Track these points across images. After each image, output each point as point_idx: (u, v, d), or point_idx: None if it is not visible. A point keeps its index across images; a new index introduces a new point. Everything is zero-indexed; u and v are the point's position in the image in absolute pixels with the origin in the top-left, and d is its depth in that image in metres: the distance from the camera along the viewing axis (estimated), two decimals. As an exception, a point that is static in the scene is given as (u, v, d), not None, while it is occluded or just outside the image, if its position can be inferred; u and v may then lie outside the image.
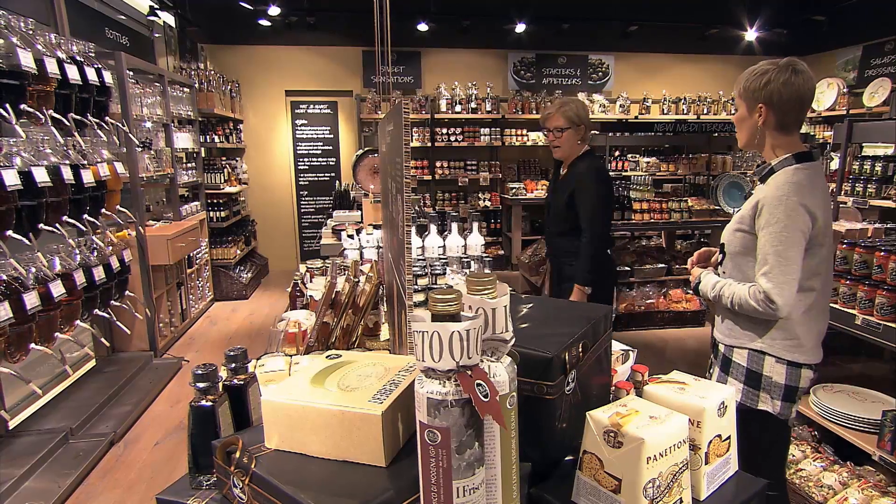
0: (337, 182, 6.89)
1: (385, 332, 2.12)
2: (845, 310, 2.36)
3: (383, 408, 0.79)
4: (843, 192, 3.30)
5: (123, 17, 4.90)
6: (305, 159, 7.47)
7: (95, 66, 2.86)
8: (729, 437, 0.89)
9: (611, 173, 6.42)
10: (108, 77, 2.98)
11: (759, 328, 1.70)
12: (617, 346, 1.44)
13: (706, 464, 0.85)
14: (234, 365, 1.02)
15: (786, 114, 1.68)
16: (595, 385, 1.12)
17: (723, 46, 7.77)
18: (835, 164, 6.40)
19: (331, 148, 7.48)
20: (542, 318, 1.11)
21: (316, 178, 7.52)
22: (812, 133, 6.94)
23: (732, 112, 7.65)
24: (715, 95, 7.66)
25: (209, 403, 0.95)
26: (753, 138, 1.76)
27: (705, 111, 7.60)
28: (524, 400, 0.89)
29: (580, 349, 0.98)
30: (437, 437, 0.68)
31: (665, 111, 7.54)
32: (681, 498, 0.81)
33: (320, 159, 7.49)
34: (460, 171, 7.12)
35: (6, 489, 2.41)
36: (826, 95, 6.72)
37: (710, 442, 0.85)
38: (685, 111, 7.55)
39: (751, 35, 7.41)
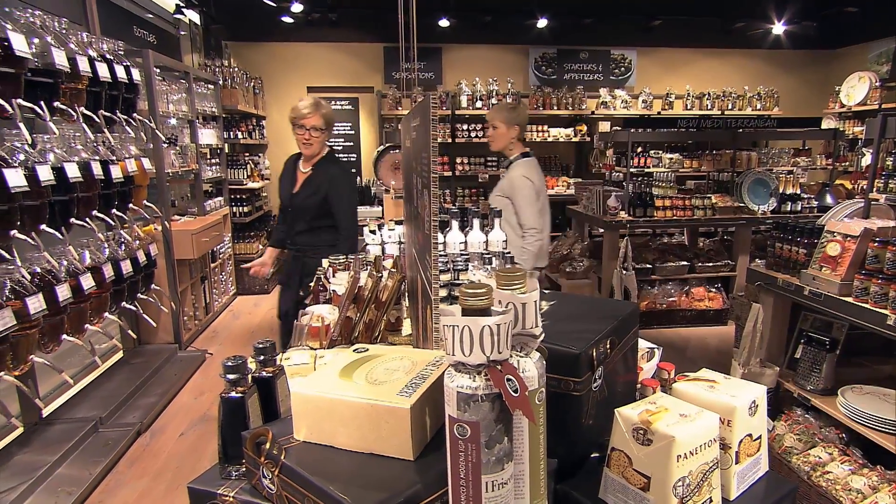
0: (358, 178, 6.93)
1: (407, 327, 2.13)
2: (876, 309, 2.30)
3: (411, 401, 0.80)
4: (874, 189, 3.22)
5: (151, 16, 4.98)
6: (327, 155, 7.52)
7: (124, 63, 2.91)
8: (760, 437, 0.87)
9: (632, 170, 6.34)
10: (136, 74, 3.04)
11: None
12: (642, 344, 1.43)
13: (736, 463, 0.84)
14: (262, 357, 1.04)
15: (521, 130, 3.25)
16: (621, 382, 1.12)
17: (749, 41, 7.63)
18: (866, 160, 6.25)
19: (352, 144, 7.52)
20: (567, 314, 1.11)
21: (337, 174, 7.56)
22: (841, 128, 6.77)
23: (758, 108, 7.52)
24: (740, 91, 7.52)
25: (239, 395, 0.96)
26: (506, 144, 3.23)
27: (730, 107, 7.47)
28: (550, 396, 0.89)
29: (608, 346, 0.97)
30: (466, 431, 0.68)
31: (688, 107, 7.43)
32: (710, 497, 0.80)
33: (341, 156, 7.54)
34: (480, 167, 7.11)
35: (41, 475, 2.48)
36: (857, 90, 6.55)
37: (741, 441, 0.84)
38: (709, 107, 7.43)
39: (778, 28, 7.26)
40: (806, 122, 5.85)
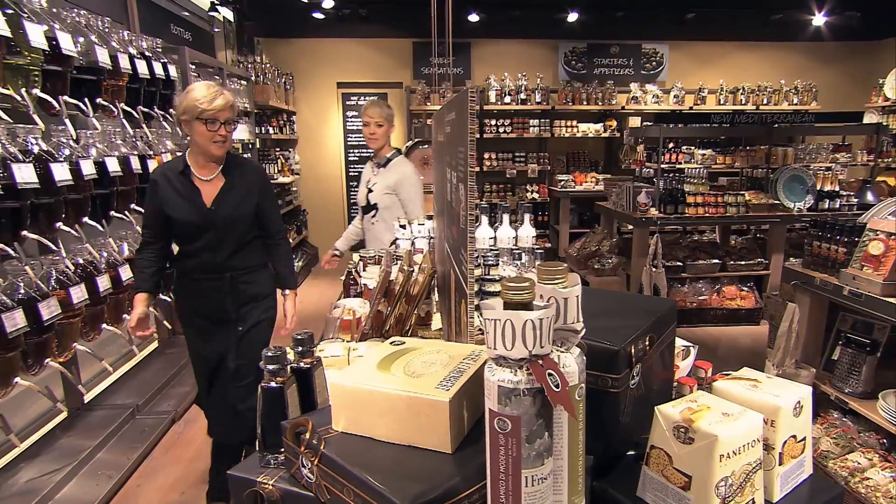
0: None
1: (437, 322, 2.14)
2: (921, 311, 2.23)
3: (450, 394, 0.80)
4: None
5: (187, 14, 5.08)
6: (355, 150, 7.58)
7: (162, 60, 2.98)
8: (804, 439, 0.85)
9: (663, 166, 6.25)
10: (172, 71, 3.11)
11: None
12: (678, 342, 1.41)
13: (780, 465, 0.82)
14: (301, 348, 1.05)
15: (392, 128, 3.22)
16: (657, 380, 1.10)
17: (787, 33, 7.42)
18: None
19: (380, 139, 7.56)
20: (604, 310, 1.10)
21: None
22: (885, 123, 6.52)
23: (795, 102, 7.31)
24: (776, 85, 7.32)
25: (278, 385, 0.98)
26: (385, 142, 3.17)
27: (765, 101, 7.28)
28: (588, 392, 0.88)
29: (647, 343, 0.96)
30: (507, 425, 0.68)
31: (722, 101, 7.27)
32: (753, 499, 0.79)
33: (370, 151, 7.57)
34: (508, 162, 7.08)
35: (83, 458, 2.57)
36: (903, 83, 6.31)
37: (785, 442, 0.82)
38: (743, 101, 7.25)
39: (818, 20, 7.04)
40: (846, 117, 5.67)
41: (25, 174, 1.85)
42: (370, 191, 3.21)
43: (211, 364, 2.38)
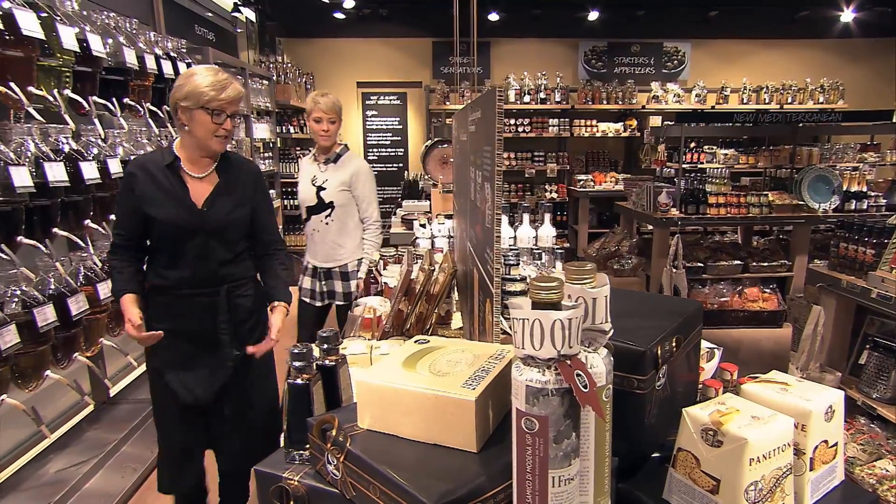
0: (405, 172, 6.99)
1: (457, 321, 2.14)
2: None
3: (476, 394, 0.80)
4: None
5: (210, 15, 5.16)
6: (374, 150, 7.61)
7: (187, 61, 3.03)
8: (836, 444, 0.84)
9: (685, 165, 6.18)
10: (197, 71, 3.15)
11: None
12: (703, 344, 1.40)
13: (811, 470, 0.81)
14: (326, 346, 1.06)
15: (341, 123, 3.04)
16: (682, 382, 1.10)
17: (814, 30, 7.27)
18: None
19: (399, 139, 7.59)
20: (630, 310, 1.09)
21: (384, 169, 7.65)
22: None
23: (821, 101, 7.17)
24: (801, 83, 7.18)
25: (304, 382, 0.99)
26: (336, 139, 3.00)
27: (790, 100, 7.15)
28: (613, 393, 0.88)
29: (673, 344, 0.96)
30: (534, 425, 0.68)
31: (744, 101, 7.16)
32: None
33: (389, 150, 7.61)
34: (527, 162, 7.05)
35: (108, 451, 2.63)
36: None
37: (816, 448, 0.81)
38: (767, 100, 7.14)
39: (847, 16, 6.89)
40: (875, 116, 5.54)
41: (56, 172, 1.89)
42: (321, 188, 2.89)
43: (195, 420, 1.98)
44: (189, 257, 1.88)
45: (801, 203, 4.90)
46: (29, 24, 1.72)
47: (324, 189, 2.89)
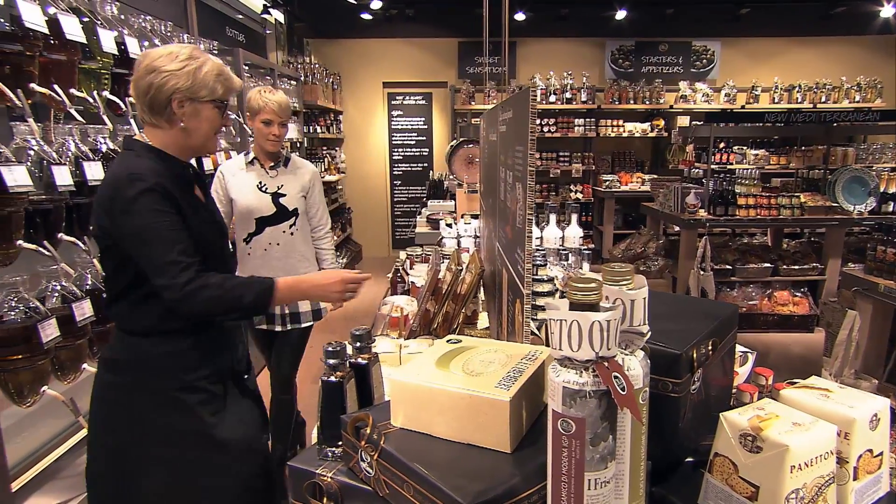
0: (430, 172, 7.01)
1: (483, 321, 2.14)
2: None
3: (510, 394, 0.80)
4: None
5: (241, 16, 5.25)
6: (400, 150, 7.66)
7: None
8: (881, 454, 0.82)
9: (714, 166, 6.07)
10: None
11: None
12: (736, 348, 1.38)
13: (854, 480, 0.79)
14: (359, 344, 1.07)
15: None
16: (717, 386, 1.08)
17: (851, 26, 7.08)
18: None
19: (424, 139, 7.62)
20: (664, 312, 1.08)
21: (409, 168, 7.69)
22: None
23: (857, 100, 6.98)
24: (836, 82, 7.00)
25: (338, 379, 1.00)
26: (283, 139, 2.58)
27: (823, 99, 6.97)
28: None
29: (709, 347, 0.94)
30: (571, 427, 0.68)
31: (776, 100, 7.01)
32: (824, 512, 0.76)
33: (414, 150, 7.65)
34: (553, 161, 7.01)
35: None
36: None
37: (860, 457, 0.79)
38: (799, 100, 6.97)
39: (888, 11, 6.68)
40: (914, 116, 5.37)
41: (95, 171, 1.94)
42: (279, 195, 2.53)
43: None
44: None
45: (835, 205, 4.78)
46: (72, 28, 1.77)
47: (283, 196, 2.53)
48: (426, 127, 7.58)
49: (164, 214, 1.38)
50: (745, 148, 6.55)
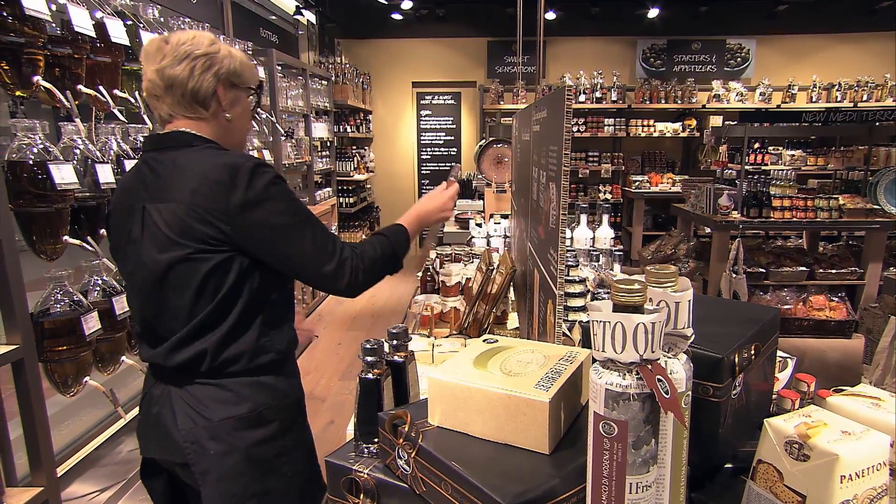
0: (458, 171, 7.02)
1: (513, 321, 2.14)
2: None
3: (550, 395, 0.80)
4: None
5: (274, 17, 5.34)
6: (428, 149, 7.69)
7: (252, 62, 3.14)
8: (934, 464, 0.79)
9: (748, 167, 5.93)
10: (261, 72, 3.26)
11: None
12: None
13: (906, 491, 0.77)
14: (395, 342, 1.08)
15: None
16: (757, 391, 1.06)
17: None
18: None
19: (452, 138, 7.63)
20: (704, 315, 1.06)
21: (437, 168, 7.71)
22: None
23: (901, 99, 6.75)
24: (879, 79, 6.77)
25: (375, 377, 1.01)
26: None
27: (864, 97, 6.75)
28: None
29: (752, 352, 0.93)
30: (613, 429, 0.68)
31: (813, 99, 6.82)
32: (874, 524, 0.74)
33: (442, 149, 7.67)
34: (581, 161, 6.95)
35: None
36: None
37: (913, 467, 0.77)
38: (839, 98, 6.77)
39: (936, 5, 6.45)
40: (962, 115, 5.17)
41: (135, 170, 2.00)
42: None
43: None
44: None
45: (877, 207, 4.63)
46: (117, 31, 1.83)
47: None
48: (455, 126, 7.59)
49: (297, 199, 1.25)
50: (780, 148, 6.40)
